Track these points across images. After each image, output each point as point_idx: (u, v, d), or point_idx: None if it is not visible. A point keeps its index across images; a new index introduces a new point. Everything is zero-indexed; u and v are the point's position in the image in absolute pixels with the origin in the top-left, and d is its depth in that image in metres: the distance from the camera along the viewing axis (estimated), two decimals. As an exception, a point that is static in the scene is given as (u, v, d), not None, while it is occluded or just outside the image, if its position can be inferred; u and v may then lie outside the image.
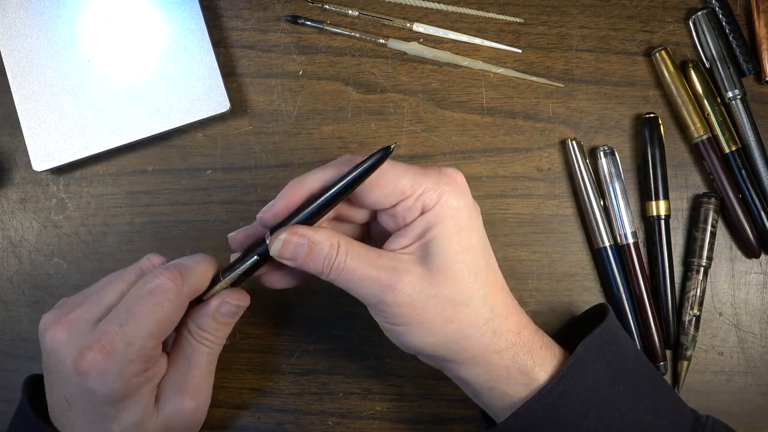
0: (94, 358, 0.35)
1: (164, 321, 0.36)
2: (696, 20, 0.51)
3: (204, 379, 0.40)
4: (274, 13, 0.51)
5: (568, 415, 0.35)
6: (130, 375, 0.35)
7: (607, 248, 0.49)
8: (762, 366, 0.49)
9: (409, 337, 0.36)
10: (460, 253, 0.35)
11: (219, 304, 0.39)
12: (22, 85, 0.48)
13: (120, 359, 0.35)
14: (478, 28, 0.52)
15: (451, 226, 0.35)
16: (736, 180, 0.49)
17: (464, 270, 0.35)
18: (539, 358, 0.36)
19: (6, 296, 0.49)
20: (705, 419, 0.39)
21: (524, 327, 0.37)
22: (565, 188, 0.50)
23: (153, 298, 0.36)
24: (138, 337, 0.35)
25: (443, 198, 0.35)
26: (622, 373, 0.37)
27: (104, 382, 0.35)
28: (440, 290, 0.35)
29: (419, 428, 0.48)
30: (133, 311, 0.35)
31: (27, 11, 0.49)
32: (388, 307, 0.35)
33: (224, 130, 0.51)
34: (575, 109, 0.51)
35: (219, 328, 0.40)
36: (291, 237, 0.35)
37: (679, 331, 0.48)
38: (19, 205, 0.50)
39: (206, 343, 0.40)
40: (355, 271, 0.35)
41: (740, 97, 0.49)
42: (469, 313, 0.35)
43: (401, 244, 0.36)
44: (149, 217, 0.50)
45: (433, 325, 0.35)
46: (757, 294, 0.50)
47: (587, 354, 0.36)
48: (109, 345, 0.35)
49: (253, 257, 0.38)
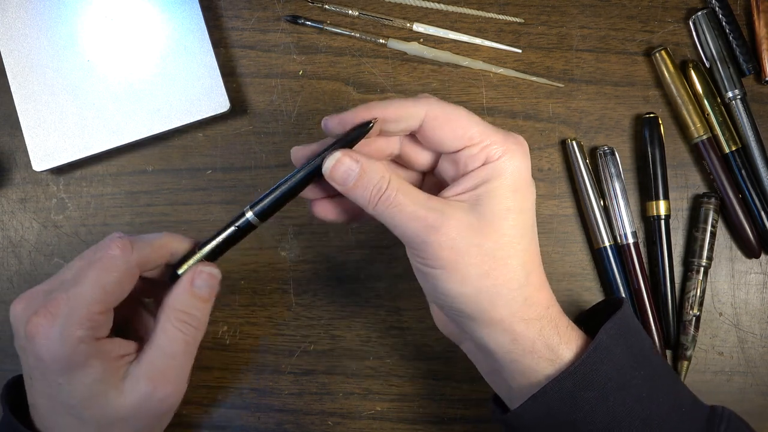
0: (38, 321, 0.35)
1: (110, 287, 0.36)
2: (696, 20, 0.51)
3: (179, 368, 0.38)
4: (274, 13, 0.51)
5: (588, 399, 0.35)
6: (74, 340, 0.35)
7: (607, 248, 0.49)
8: (762, 366, 0.49)
9: (443, 283, 0.35)
10: (512, 210, 0.35)
11: (193, 276, 0.38)
12: (22, 85, 0.48)
13: (63, 323, 0.35)
14: (478, 28, 0.52)
15: (509, 183, 0.35)
16: (736, 180, 0.49)
17: (511, 228, 0.35)
18: (565, 335, 0.36)
19: (6, 296, 0.49)
20: (721, 409, 0.38)
21: (552, 304, 0.37)
22: (565, 188, 0.50)
23: (100, 265, 0.36)
24: (82, 301, 0.35)
25: (508, 154, 0.35)
26: (641, 359, 0.37)
27: (48, 346, 0.35)
28: (484, 241, 0.34)
29: (419, 428, 0.48)
30: (79, 277, 0.36)
31: (27, 11, 0.49)
32: (429, 247, 0.34)
33: (224, 130, 0.51)
34: (575, 109, 0.51)
35: (196, 305, 0.38)
36: (345, 157, 0.35)
37: (679, 331, 0.49)
38: (19, 205, 0.50)
39: (183, 327, 0.38)
40: (403, 206, 0.34)
41: (740, 97, 0.49)
42: (506, 272, 0.35)
43: (455, 191, 0.36)
44: (149, 217, 0.50)
45: (469, 275, 0.35)
46: (757, 294, 0.50)
47: (610, 338, 0.36)
48: (53, 309, 0.35)
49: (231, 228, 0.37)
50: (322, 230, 0.50)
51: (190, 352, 0.39)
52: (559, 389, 0.35)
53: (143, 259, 0.37)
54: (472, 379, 0.48)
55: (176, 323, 0.38)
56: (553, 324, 0.36)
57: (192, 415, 0.48)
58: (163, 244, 0.38)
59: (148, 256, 0.38)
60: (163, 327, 0.38)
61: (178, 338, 0.38)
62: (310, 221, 0.50)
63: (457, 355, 0.48)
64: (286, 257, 0.49)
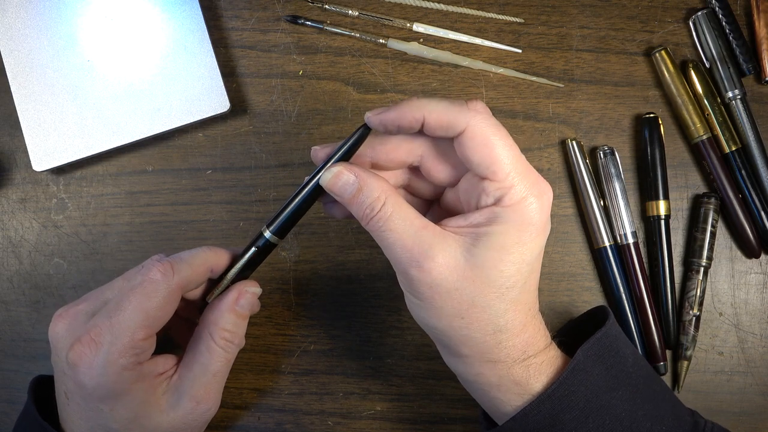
0: (81, 350, 0.35)
1: (153, 312, 0.36)
2: (696, 20, 0.51)
3: (219, 385, 0.40)
4: (274, 13, 0.51)
5: (568, 421, 0.35)
6: (118, 369, 0.35)
7: (607, 248, 0.49)
8: (762, 366, 0.49)
9: (419, 312, 0.35)
10: (505, 263, 0.34)
11: (238, 296, 0.39)
12: (22, 85, 0.48)
13: (106, 351, 0.35)
14: (478, 28, 0.52)
15: (513, 234, 0.34)
16: (736, 180, 0.49)
17: (499, 279, 0.34)
18: (535, 370, 0.36)
19: (6, 296, 0.49)
20: (704, 424, 0.38)
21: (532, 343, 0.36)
22: (565, 188, 0.50)
23: (142, 290, 0.36)
24: (125, 328, 0.35)
25: (524, 205, 0.34)
26: (621, 378, 0.37)
27: (92, 375, 0.35)
28: (466, 286, 0.34)
29: (419, 428, 0.48)
30: (122, 303, 0.35)
31: (27, 11, 0.49)
32: (410, 279, 0.34)
33: (224, 130, 0.51)
34: (575, 109, 0.51)
35: (238, 323, 0.39)
36: (344, 171, 0.35)
37: (679, 331, 0.48)
38: (19, 205, 0.50)
39: (226, 347, 0.39)
40: (392, 233, 0.34)
41: (740, 97, 0.49)
42: (482, 318, 0.34)
43: (458, 223, 0.35)
44: (149, 217, 0.50)
45: (443, 314, 0.34)
46: (757, 294, 0.50)
47: (587, 359, 0.36)
48: (96, 337, 0.35)
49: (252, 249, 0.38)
50: (322, 230, 0.50)
51: (230, 365, 0.40)
52: (538, 412, 0.35)
53: (184, 281, 0.37)
54: (472, 379, 0.48)
55: (220, 342, 0.39)
56: (525, 364, 0.36)
57: (192, 415, 0.48)
58: (202, 262, 0.38)
59: (189, 278, 0.37)
60: (208, 346, 0.39)
61: (222, 357, 0.39)
62: (310, 221, 0.50)
63: (457, 355, 0.49)
64: (286, 257, 0.49)
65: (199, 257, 0.38)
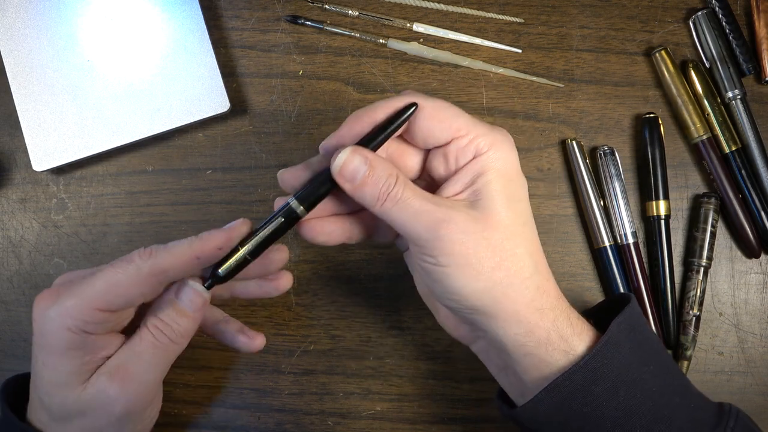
0: (42, 296, 0.36)
1: (117, 288, 0.35)
2: (696, 20, 0.51)
3: (144, 371, 0.37)
4: (274, 13, 0.51)
5: (599, 393, 0.35)
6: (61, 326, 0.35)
7: (607, 248, 0.49)
8: (762, 366, 0.49)
9: (455, 280, 0.35)
10: (511, 200, 0.35)
11: (177, 288, 0.37)
12: (22, 85, 0.48)
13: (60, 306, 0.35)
14: (478, 28, 0.52)
15: (503, 174, 0.35)
16: (736, 180, 0.49)
17: (514, 218, 0.35)
18: (577, 327, 0.36)
19: (6, 296, 0.49)
20: (728, 406, 0.38)
21: (561, 295, 0.37)
22: (565, 188, 0.50)
23: (114, 266, 0.36)
24: (86, 294, 0.35)
25: (495, 145, 0.35)
26: (650, 354, 0.37)
27: (39, 321, 0.36)
28: (492, 234, 0.35)
29: (419, 428, 0.48)
30: (94, 274, 0.36)
31: (27, 11, 0.49)
32: (440, 242, 0.34)
33: (224, 130, 0.51)
34: (575, 109, 0.51)
35: (176, 318, 0.37)
36: (354, 155, 0.35)
37: (679, 331, 0.48)
38: (19, 205, 0.50)
39: (156, 333, 0.37)
40: (412, 201, 0.34)
41: (740, 97, 0.49)
42: (516, 262, 0.35)
43: (453, 190, 0.36)
44: (149, 217, 0.50)
45: (481, 269, 0.34)
46: (757, 294, 0.50)
47: (619, 333, 0.36)
48: (60, 291, 0.36)
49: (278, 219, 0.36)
50: (322, 230, 0.50)
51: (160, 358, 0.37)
52: (570, 383, 0.35)
53: (159, 267, 0.36)
54: (472, 379, 0.48)
55: (151, 328, 0.37)
56: (565, 315, 0.36)
57: (192, 415, 0.48)
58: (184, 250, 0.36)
59: (168, 264, 0.36)
60: (139, 328, 0.37)
61: (149, 341, 0.37)
62: (310, 221, 0.50)
63: (457, 355, 0.49)
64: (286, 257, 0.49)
65: (182, 246, 0.36)
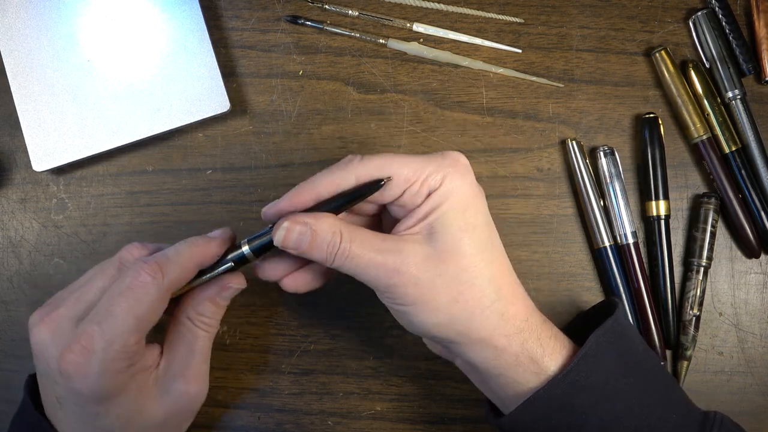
0: (74, 359, 0.34)
1: (144, 317, 0.35)
2: (696, 20, 0.51)
3: (205, 363, 0.41)
4: (274, 13, 0.51)
5: (579, 406, 0.35)
6: (113, 373, 0.35)
7: (607, 248, 0.49)
8: (762, 366, 0.49)
9: (417, 317, 0.36)
10: (465, 230, 0.35)
11: (220, 290, 0.39)
12: (22, 85, 0.48)
13: (100, 358, 0.34)
14: (478, 28, 0.52)
15: (456, 205, 0.35)
16: (736, 180, 0.49)
17: (469, 248, 0.35)
18: (549, 347, 0.36)
19: (6, 296, 0.49)
20: (713, 414, 0.39)
21: (530, 315, 0.37)
22: (565, 188, 0.50)
23: (132, 294, 0.35)
24: (117, 335, 0.34)
25: (447, 178, 0.35)
26: (632, 365, 0.37)
27: (87, 383, 0.34)
28: (445, 269, 0.35)
29: (419, 428, 0.48)
30: (112, 309, 0.35)
31: (27, 11, 0.49)
32: (394, 288, 0.35)
33: (224, 130, 0.51)
34: (575, 109, 0.51)
35: (217, 311, 0.40)
36: (294, 225, 0.36)
37: (679, 331, 0.48)
38: (19, 205, 0.50)
39: (205, 328, 0.40)
40: (360, 257, 0.35)
41: (740, 97, 0.49)
42: (475, 293, 0.35)
43: (407, 225, 0.36)
44: (149, 217, 0.50)
45: (438, 305, 0.35)
46: (757, 294, 0.50)
47: (598, 345, 0.36)
48: (88, 345, 0.34)
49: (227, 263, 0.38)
50: (322, 230, 0.50)
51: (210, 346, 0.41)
52: (549, 397, 0.35)
53: (174, 282, 0.37)
54: (472, 379, 0.48)
55: (202, 326, 0.40)
56: (536, 336, 0.36)
57: (192, 415, 0.48)
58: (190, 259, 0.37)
59: (179, 278, 0.37)
60: (189, 328, 0.40)
61: (205, 337, 0.40)
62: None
63: (457, 355, 0.49)
64: (286, 257, 0.49)
65: (187, 255, 0.37)
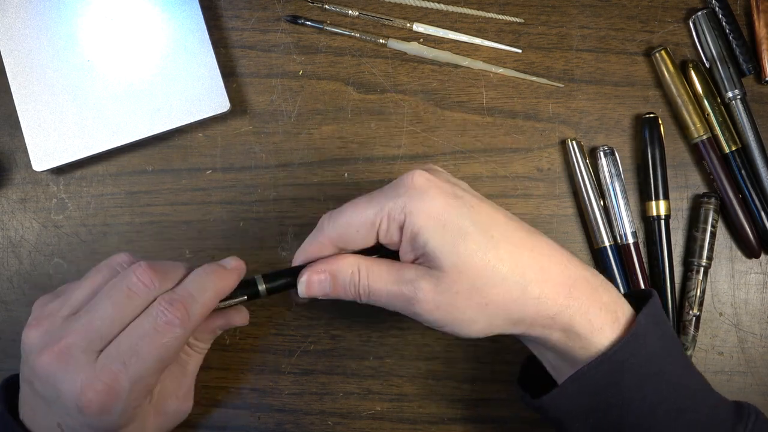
0: (98, 399, 0.34)
1: (169, 359, 0.36)
2: (696, 20, 0.50)
3: (193, 381, 0.43)
4: (274, 13, 0.51)
5: (625, 384, 0.35)
6: (133, 409, 0.36)
7: (607, 248, 0.49)
8: (762, 366, 0.49)
9: (459, 332, 0.36)
10: (456, 245, 0.35)
11: (224, 324, 0.42)
12: (22, 85, 0.48)
13: (124, 398, 0.35)
14: (478, 28, 0.52)
15: (433, 226, 0.35)
16: (736, 180, 0.49)
17: (470, 259, 0.35)
18: (598, 321, 0.35)
19: (6, 296, 0.49)
20: (746, 404, 0.38)
21: (574, 286, 0.36)
22: (565, 188, 0.50)
23: (159, 338, 0.35)
24: (143, 376, 0.35)
25: (407, 207, 0.35)
26: (673, 348, 0.37)
27: (107, 421, 0.35)
28: (460, 285, 0.35)
29: (419, 428, 0.48)
30: (138, 349, 0.35)
31: (27, 11, 0.49)
32: (420, 316, 0.36)
33: (224, 130, 0.51)
34: (575, 109, 0.51)
35: (213, 338, 0.43)
36: (312, 276, 0.38)
37: (679, 331, 0.48)
38: (19, 205, 0.50)
39: (200, 351, 0.43)
40: (380, 291, 0.36)
41: (740, 97, 0.49)
42: (499, 291, 0.35)
43: (407, 260, 0.37)
44: (149, 217, 0.50)
45: (471, 316, 0.35)
46: (757, 294, 0.50)
47: (645, 325, 0.36)
48: (113, 384, 0.34)
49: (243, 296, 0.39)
50: (322, 230, 0.50)
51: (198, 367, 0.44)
52: (595, 373, 0.35)
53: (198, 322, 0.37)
54: (472, 379, 0.48)
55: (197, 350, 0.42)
56: (582, 311, 0.35)
57: (192, 415, 0.48)
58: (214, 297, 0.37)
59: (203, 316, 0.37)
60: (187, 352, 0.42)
61: (198, 359, 0.43)
62: (310, 221, 0.50)
63: (457, 355, 0.49)
64: (287, 257, 0.49)
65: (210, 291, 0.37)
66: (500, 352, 0.48)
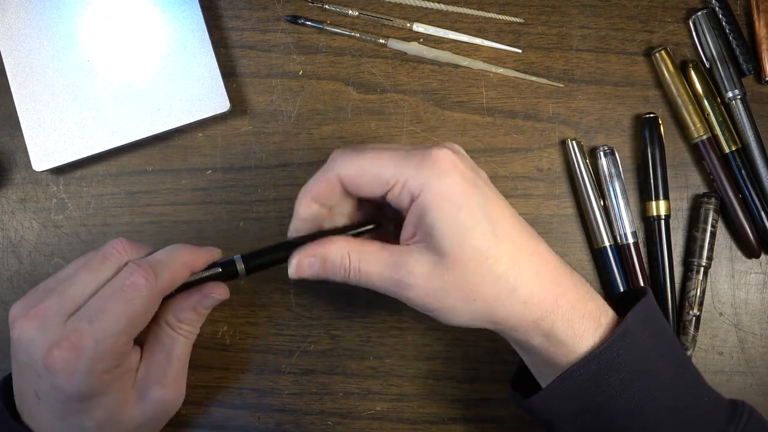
0: (62, 355, 0.34)
1: (136, 319, 0.36)
2: (696, 20, 0.51)
3: (183, 370, 0.41)
4: (274, 13, 0.51)
5: (613, 383, 0.35)
6: (99, 373, 0.35)
7: (607, 248, 0.49)
8: (762, 366, 0.49)
9: (444, 319, 0.37)
10: (465, 232, 0.35)
11: (202, 298, 0.39)
12: (22, 85, 0.48)
13: (89, 357, 0.34)
14: (478, 28, 0.52)
15: (448, 208, 0.35)
16: (736, 180, 0.49)
17: (473, 250, 0.35)
18: (580, 329, 0.36)
19: (6, 296, 0.49)
20: (741, 403, 0.38)
21: (561, 295, 0.36)
22: (565, 188, 0.50)
23: (125, 295, 0.35)
24: (108, 335, 0.35)
25: (427, 184, 0.35)
26: (665, 347, 0.37)
27: (72, 380, 0.34)
28: (453, 275, 0.35)
29: (419, 428, 0.48)
30: (104, 308, 0.35)
31: (27, 11, 0.49)
32: (410, 300, 0.36)
33: (224, 130, 0.51)
34: (575, 109, 0.51)
35: (197, 319, 0.40)
36: (303, 258, 0.38)
37: (679, 331, 0.48)
38: (19, 205, 0.50)
39: (185, 335, 0.40)
40: (371, 275, 0.36)
41: (740, 97, 0.49)
42: (489, 290, 0.35)
43: (407, 234, 0.37)
44: (149, 217, 0.50)
45: (458, 307, 0.36)
46: (757, 294, 0.50)
47: (635, 324, 0.36)
48: (78, 342, 0.34)
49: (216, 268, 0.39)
50: (322, 230, 0.50)
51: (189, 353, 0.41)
52: (583, 372, 0.35)
53: (166, 286, 0.37)
54: (472, 379, 0.48)
55: (183, 333, 0.40)
56: (566, 319, 0.36)
57: (192, 415, 0.48)
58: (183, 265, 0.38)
59: (171, 282, 0.37)
60: (169, 334, 0.40)
61: (184, 344, 0.40)
62: (310, 221, 0.50)
63: (457, 355, 0.49)
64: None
65: (179, 260, 0.38)
66: (500, 352, 0.48)
